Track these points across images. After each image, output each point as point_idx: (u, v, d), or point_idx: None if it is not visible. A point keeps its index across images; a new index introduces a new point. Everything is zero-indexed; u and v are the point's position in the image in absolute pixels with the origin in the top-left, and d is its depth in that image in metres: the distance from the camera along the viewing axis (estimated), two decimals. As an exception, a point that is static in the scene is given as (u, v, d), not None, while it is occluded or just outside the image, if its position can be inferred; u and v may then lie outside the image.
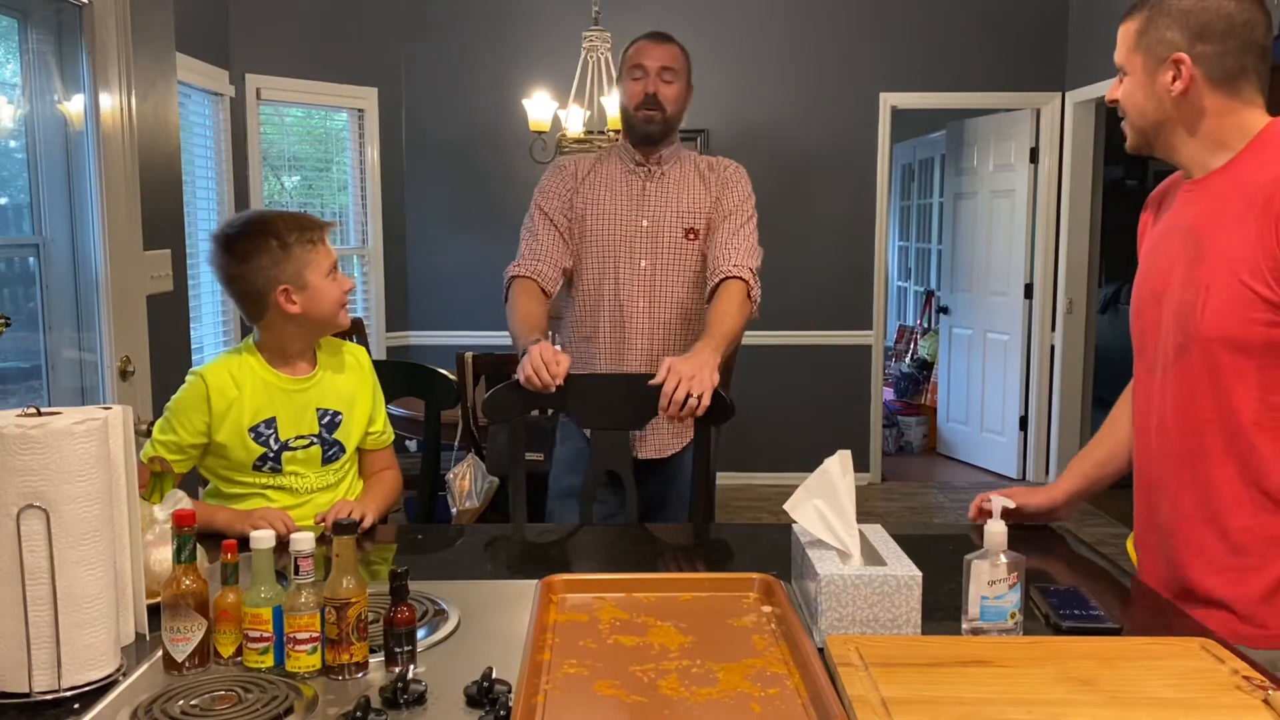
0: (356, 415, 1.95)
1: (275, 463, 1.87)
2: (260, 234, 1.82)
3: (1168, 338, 1.50)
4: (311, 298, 1.84)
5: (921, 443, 6.70)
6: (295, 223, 1.85)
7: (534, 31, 5.65)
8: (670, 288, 2.37)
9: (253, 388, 1.85)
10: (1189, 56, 1.44)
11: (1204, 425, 1.46)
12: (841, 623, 1.29)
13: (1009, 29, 5.65)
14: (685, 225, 2.37)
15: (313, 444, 1.89)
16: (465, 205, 5.75)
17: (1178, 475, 1.50)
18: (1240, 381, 1.42)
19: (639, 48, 2.41)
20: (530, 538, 1.82)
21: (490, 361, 3.73)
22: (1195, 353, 1.45)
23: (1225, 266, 1.41)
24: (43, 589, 1.15)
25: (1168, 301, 1.50)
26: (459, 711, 1.11)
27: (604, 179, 2.42)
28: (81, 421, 1.17)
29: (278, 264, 1.81)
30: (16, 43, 2.58)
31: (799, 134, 5.64)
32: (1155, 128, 1.51)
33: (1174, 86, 1.45)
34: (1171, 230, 1.53)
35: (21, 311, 2.61)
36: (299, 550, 1.21)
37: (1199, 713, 1.08)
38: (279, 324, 1.86)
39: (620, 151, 2.46)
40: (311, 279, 1.83)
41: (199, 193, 4.51)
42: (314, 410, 1.90)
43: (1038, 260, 5.74)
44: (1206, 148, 1.48)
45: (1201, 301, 1.43)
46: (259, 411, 1.85)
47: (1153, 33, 1.47)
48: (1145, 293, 1.57)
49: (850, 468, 1.42)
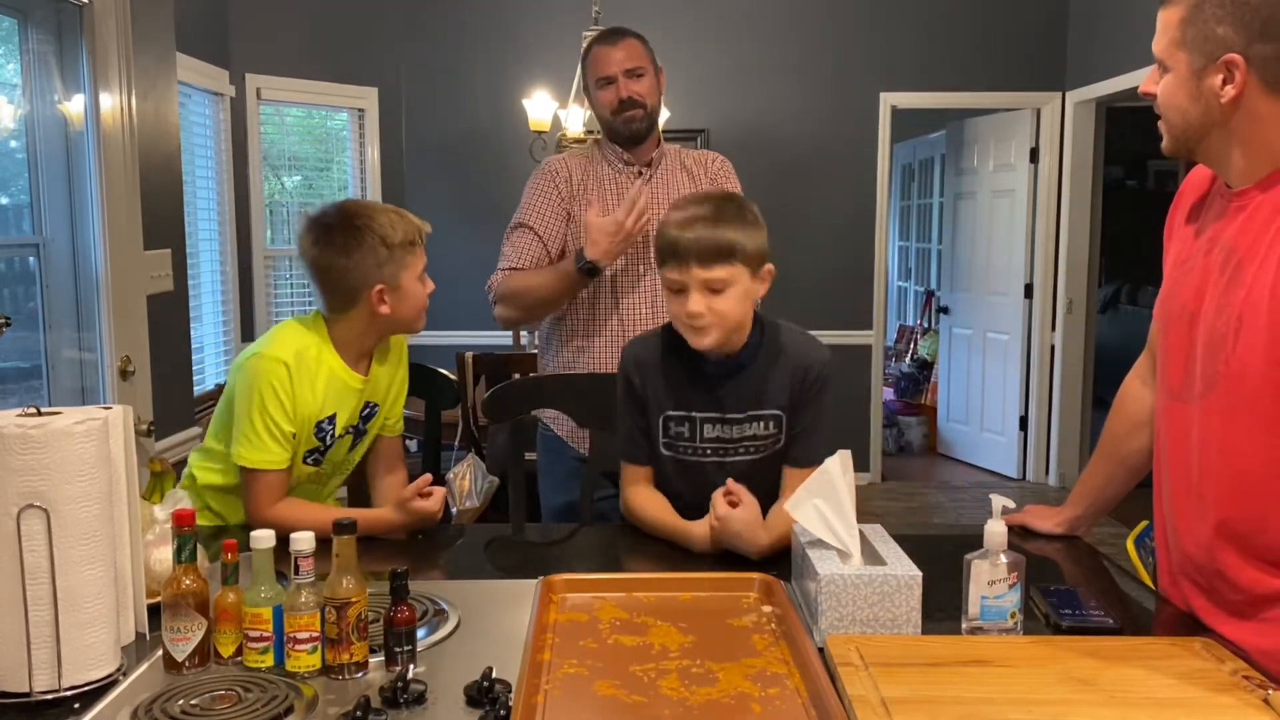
0: (387, 405, 1.95)
1: (320, 456, 1.85)
2: (367, 230, 1.77)
3: (1196, 366, 1.34)
4: (401, 299, 1.81)
5: (921, 443, 6.70)
6: (400, 223, 1.81)
7: (534, 31, 5.65)
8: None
9: (327, 383, 1.80)
10: (1244, 58, 1.23)
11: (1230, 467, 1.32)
12: (841, 623, 1.29)
13: (1009, 29, 5.65)
14: None
15: (347, 434, 1.88)
16: (465, 205, 5.75)
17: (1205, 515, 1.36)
18: (1270, 426, 1.25)
19: (597, 55, 2.30)
20: (530, 538, 1.82)
21: (490, 361, 3.74)
22: (1223, 390, 1.30)
23: (1264, 297, 1.24)
24: (43, 589, 1.14)
25: (1200, 325, 1.34)
26: (459, 711, 1.11)
27: (598, 181, 2.33)
28: (82, 421, 1.17)
29: (380, 264, 1.77)
30: (16, 43, 2.58)
31: (799, 134, 5.64)
32: (1199, 133, 1.31)
33: (1224, 91, 1.26)
34: (1211, 243, 1.35)
35: (21, 311, 2.61)
36: (299, 550, 1.21)
37: (1199, 713, 1.08)
38: (362, 321, 1.81)
39: (606, 152, 2.36)
40: (405, 282, 1.81)
41: (199, 193, 4.51)
42: (363, 405, 1.88)
43: (1038, 260, 5.74)
44: (1259, 158, 1.29)
45: (1234, 333, 1.27)
46: (326, 407, 1.81)
47: (1200, 25, 1.26)
48: (1174, 308, 1.40)
49: (850, 468, 1.42)
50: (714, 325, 1.63)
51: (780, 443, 1.74)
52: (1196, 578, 1.39)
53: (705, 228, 1.61)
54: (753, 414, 1.72)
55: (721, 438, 1.73)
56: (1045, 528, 1.75)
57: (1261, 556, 1.30)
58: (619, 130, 2.30)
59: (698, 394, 1.72)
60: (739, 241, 1.61)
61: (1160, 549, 1.50)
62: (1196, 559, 1.38)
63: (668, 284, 1.65)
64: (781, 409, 1.72)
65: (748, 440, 1.73)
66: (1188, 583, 1.41)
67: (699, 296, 1.61)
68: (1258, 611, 1.31)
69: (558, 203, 2.31)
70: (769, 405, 1.72)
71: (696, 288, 1.61)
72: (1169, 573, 1.46)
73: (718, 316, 1.62)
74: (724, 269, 1.60)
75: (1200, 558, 1.37)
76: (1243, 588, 1.32)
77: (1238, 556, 1.32)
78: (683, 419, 1.73)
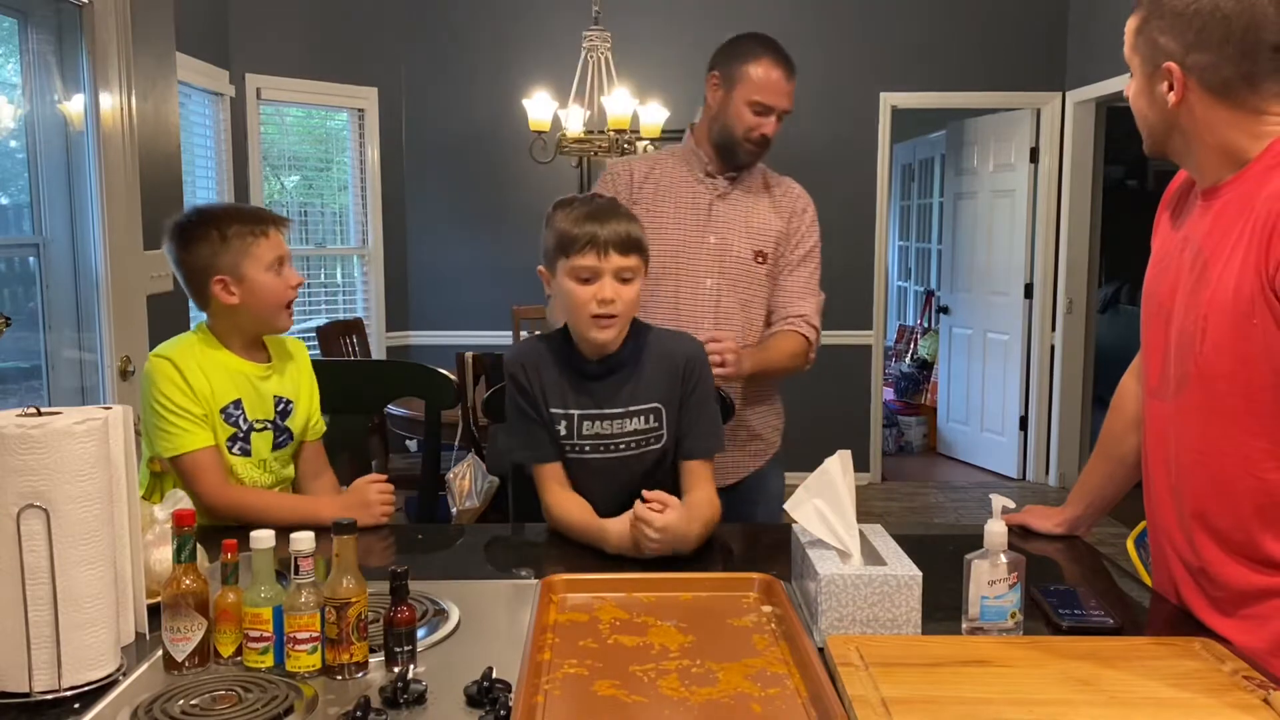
0: (302, 404, 1.97)
1: (245, 443, 1.88)
2: (203, 224, 1.83)
3: (1170, 365, 1.37)
4: (250, 290, 1.84)
5: (921, 443, 6.70)
6: (239, 215, 1.86)
7: (534, 31, 5.66)
8: (736, 309, 2.22)
9: (217, 369, 1.85)
10: (1179, 67, 1.29)
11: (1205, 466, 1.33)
12: (841, 623, 1.28)
13: (1009, 29, 5.65)
14: (755, 247, 2.22)
15: (267, 429, 1.91)
16: (465, 205, 5.75)
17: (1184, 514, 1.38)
18: (1240, 425, 1.28)
19: (768, 75, 2.15)
20: (530, 538, 1.82)
21: (490, 362, 3.73)
22: (1194, 388, 1.32)
23: (1227, 298, 1.26)
24: (43, 589, 1.14)
25: (1173, 324, 1.37)
26: (459, 711, 1.11)
27: (666, 186, 2.24)
28: (81, 421, 1.17)
29: (216, 253, 1.82)
30: (16, 43, 2.59)
31: (799, 133, 5.63)
32: (1162, 135, 1.37)
33: (1169, 96, 1.32)
34: (1184, 243, 1.38)
35: (21, 311, 2.61)
36: (299, 550, 1.21)
37: (1199, 713, 1.08)
38: (222, 314, 1.87)
39: (689, 157, 2.26)
40: (249, 271, 1.83)
41: (199, 193, 4.51)
42: (272, 397, 1.92)
43: (1038, 260, 5.74)
44: (1218, 160, 1.33)
45: (1201, 333, 1.30)
46: (225, 392, 1.85)
47: (1147, 34, 1.34)
48: (1152, 306, 1.44)
49: (850, 467, 1.42)
50: (621, 315, 1.70)
51: (663, 437, 1.79)
52: (1185, 573, 1.40)
53: (616, 221, 1.70)
54: (630, 409, 1.77)
55: (600, 434, 1.78)
56: (1045, 527, 1.75)
57: (1242, 553, 1.31)
58: (737, 154, 2.21)
59: (577, 393, 1.78)
60: (640, 237, 1.73)
61: (1152, 546, 1.51)
62: (1183, 555, 1.40)
63: (580, 272, 1.69)
64: (659, 402, 1.78)
65: (628, 435, 1.78)
66: (1179, 577, 1.42)
67: (611, 282, 1.68)
68: (1240, 608, 1.32)
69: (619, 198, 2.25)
70: (645, 400, 1.77)
71: (611, 274, 1.68)
72: (1162, 568, 1.47)
73: (625, 305, 1.70)
74: (634, 258, 1.70)
75: (1186, 554, 1.39)
76: (1226, 584, 1.33)
77: (1220, 552, 1.34)
78: (560, 416, 1.77)
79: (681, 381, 1.78)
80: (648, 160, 2.30)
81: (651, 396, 1.78)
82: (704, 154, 2.25)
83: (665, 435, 1.79)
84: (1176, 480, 1.38)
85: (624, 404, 1.77)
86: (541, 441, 1.79)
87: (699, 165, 2.24)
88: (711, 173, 2.24)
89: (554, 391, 1.78)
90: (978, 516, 4.52)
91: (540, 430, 1.78)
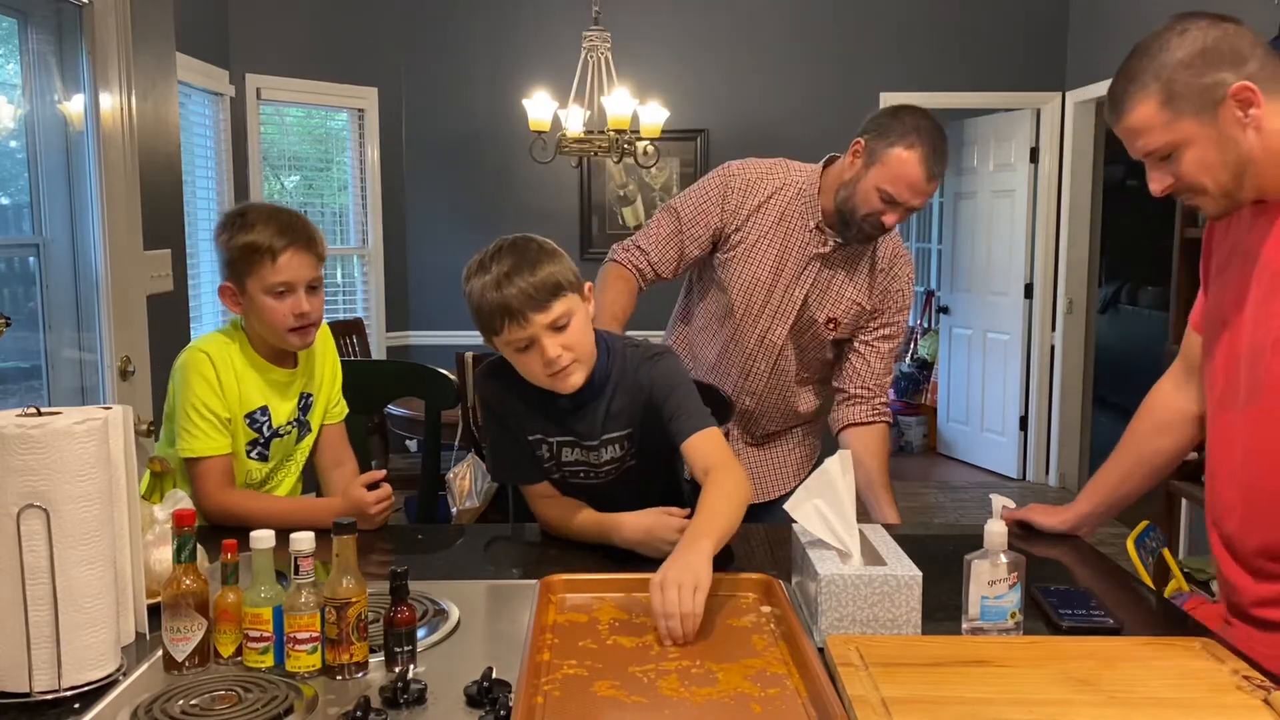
0: (323, 394, 1.96)
1: (264, 448, 1.87)
2: (229, 225, 1.79)
3: (1240, 375, 1.38)
4: (251, 308, 1.80)
5: (921, 443, 6.70)
6: (259, 231, 1.77)
7: (534, 31, 5.66)
8: (793, 364, 2.20)
9: (247, 372, 1.83)
10: (1248, 79, 1.28)
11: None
12: (841, 623, 1.28)
13: (1009, 29, 5.65)
14: (832, 314, 2.16)
15: (291, 428, 1.90)
16: (465, 205, 5.75)
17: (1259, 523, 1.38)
18: None
19: (911, 178, 1.97)
20: (530, 538, 1.82)
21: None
22: (1266, 400, 1.34)
23: None
24: (43, 589, 1.14)
25: (1242, 335, 1.37)
26: (459, 711, 1.11)
27: (774, 226, 2.14)
28: (81, 421, 1.17)
29: (228, 260, 1.79)
30: (16, 43, 2.59)
31: (799, 134, 5.63)
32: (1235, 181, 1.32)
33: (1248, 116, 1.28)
34: (1249, 254, 1.38)
35: (21, 311, 2.61)
36: (299, 550, 1.21)
37: (1199, 713, 1.08)
38: (248, 317, 1.84)
39: (809, 199, 2.13)
40: (251, 289, 1.78)
41: (199, 193, 4.51)
42: (297, 398, 1.91)
43: (1038, 260, 5.74)
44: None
45: (1272, 345, 1.31)
46: (253, 398, 1.84)
47: (1184, 91, 1.30)
48: (1215, 318, 1.44)
49: (850, 468, 1.42)
50: (576, 362, 1.60)
51: (632, 458, 1.76)
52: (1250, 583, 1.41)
53: (522, 277, 1.55)
54: (605, 438, 1.72)
55: (581, 460, 1.75)
56: (1048, 525, 1.74)
57: None
58: (850, 229, 2.08)
59: (553, 422, 1.72)
60: (557, 273, 1.57)
61: (1216, 552, 1.50)
62: (1250, 563, 1.40)
63: (512, 345, 1.59)
64: (631, 428, 1.72)
65: (606, 464, 1.75)
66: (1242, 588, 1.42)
67: (550, 342, 1.57)
68: None
69: (715, 213, 2.16)
70: (617, 429, 1.72)
71: (544, 335, 1.56)
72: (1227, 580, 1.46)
73: (575, 351, 1.59)
74: (560, 304, 1.56)
75: (1258, 563, 1.39)
76: None
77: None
78: (540, 442, 1.74)
79: (648, 407, 1.69)
80: (766, 189, 2.16)
81: (623, 425, 1.72)
82: (819, 212, 2.13)
83: (637, 455, 1.76)
84: (1247, 489, 1.39)
85: (599, 435, 1.72)
86: (525, 464, 1.76)
87: (813, 215, 2.13)
88: (823, 228, 2.13)
89: (529, 418, 1.73)
90: (978, 516, 4.52)
91: (522, 453, 1.76)
